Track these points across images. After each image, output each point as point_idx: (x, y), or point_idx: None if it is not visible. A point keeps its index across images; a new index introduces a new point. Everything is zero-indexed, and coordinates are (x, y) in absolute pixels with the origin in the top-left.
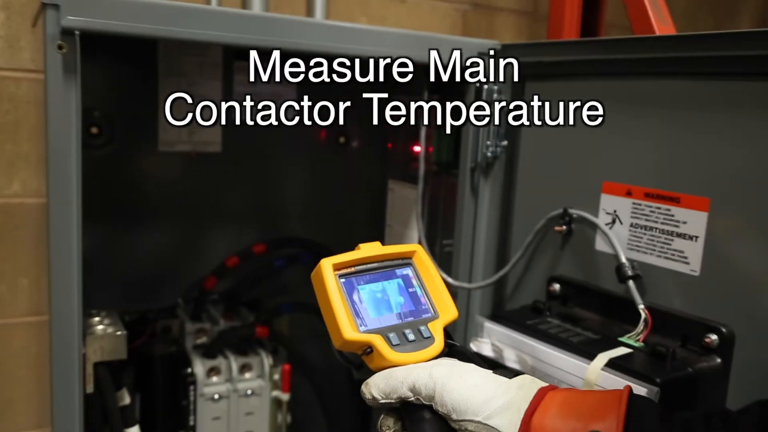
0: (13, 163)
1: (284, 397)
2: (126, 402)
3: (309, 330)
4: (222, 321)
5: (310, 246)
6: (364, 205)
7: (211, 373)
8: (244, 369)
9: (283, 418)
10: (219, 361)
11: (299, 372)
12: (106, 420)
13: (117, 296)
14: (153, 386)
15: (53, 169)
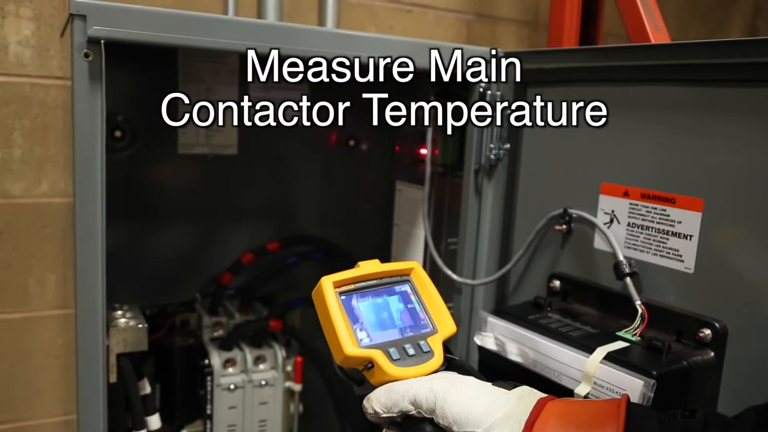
0: (41, 165)
1: (296, 387)
2: (147, 391)
3: (320, 324)
4: (237, 315)
5: (322, 244)
6: (372, 205)
7: (227, 364)
8: (258, 360)
9: (295, 408)
10: (235, 353)
11: (311, 364)
12: (128, 408)
13: (138, 291)
14: (172, 376)
15: (79, 170)
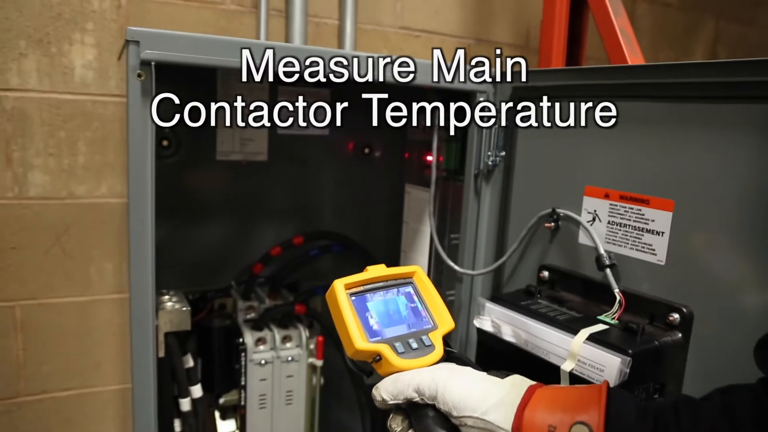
0: (101, 171)
1: (318, 363)
2: (190, 365)
3: None
4: (267, 300)
5: (340, 238)
6: (384, 205)
7: (258, 342)
8: (285, 340)
9: (317, 380)
10: (265, 333)
11: (330, 342)
12: (174, 379)
13: (182, 279)
14: (212, 352)
15: (133, 174)
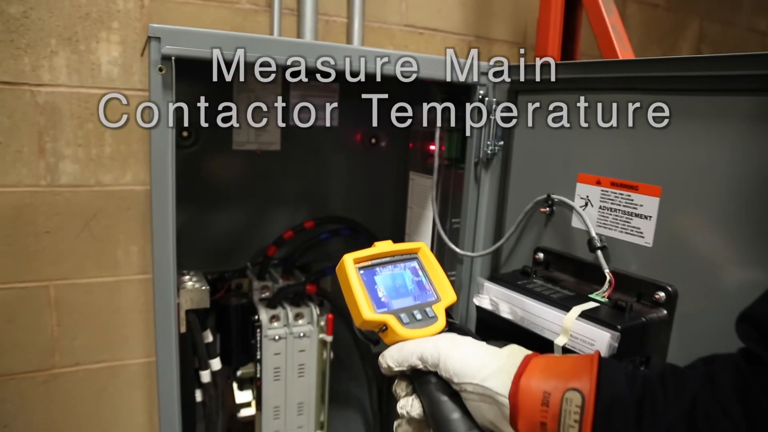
0: (126, 160)
1: (328, 338)
2: (209, 340)
3: None
4: (281, 280)
5: (349, 223)
6: (390, 191)
7: (272, 319)
8: (297, 317)
9: (327, 355)
10: (279, 311)
11: (339, 320)
12: (194, 353)
13: (202, 260)
14: (229, 328)
15: (155, 163)
